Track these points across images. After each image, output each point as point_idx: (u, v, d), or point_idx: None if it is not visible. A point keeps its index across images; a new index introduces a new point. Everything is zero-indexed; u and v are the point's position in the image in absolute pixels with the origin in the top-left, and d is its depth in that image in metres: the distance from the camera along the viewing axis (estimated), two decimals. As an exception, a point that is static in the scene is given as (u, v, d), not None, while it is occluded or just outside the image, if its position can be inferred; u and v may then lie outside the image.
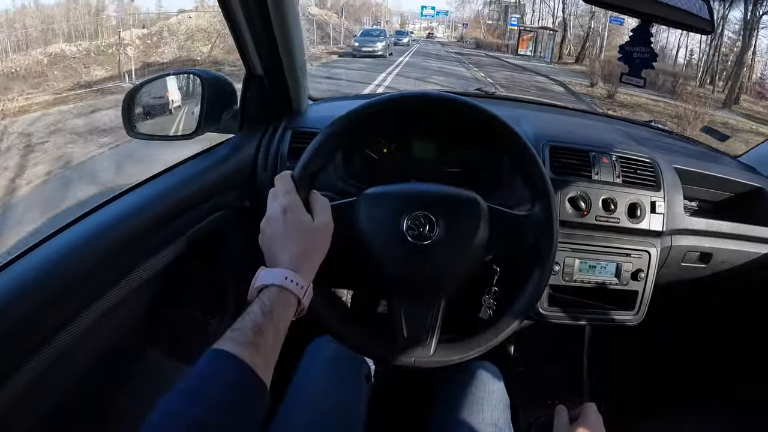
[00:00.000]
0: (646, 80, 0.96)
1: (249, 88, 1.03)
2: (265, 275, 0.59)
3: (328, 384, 0.83)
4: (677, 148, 1.25)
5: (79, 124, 7.09)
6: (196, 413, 0.44)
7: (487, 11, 38.19)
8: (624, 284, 1.00)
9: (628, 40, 0.97)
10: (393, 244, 0.69)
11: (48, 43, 12.60)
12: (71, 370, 0.64)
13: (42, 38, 12.90)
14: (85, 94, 9.21)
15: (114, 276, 0.67)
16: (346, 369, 0.87)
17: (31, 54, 11.62)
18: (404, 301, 0.71)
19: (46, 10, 14.60)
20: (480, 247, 0.71)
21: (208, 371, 0.48)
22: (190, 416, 0.44)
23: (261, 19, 0.88)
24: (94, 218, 0.70)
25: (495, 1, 36.70)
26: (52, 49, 12.00)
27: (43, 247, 0.63)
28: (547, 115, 1.33)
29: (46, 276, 0.58)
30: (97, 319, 0.64)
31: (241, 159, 0.99)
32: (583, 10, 25.13)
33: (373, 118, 0.73)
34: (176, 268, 0.82)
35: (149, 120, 1.07)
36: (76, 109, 7.91)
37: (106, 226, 0.69)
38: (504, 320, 0.72)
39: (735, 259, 1.14)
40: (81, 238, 0.65)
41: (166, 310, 0.90)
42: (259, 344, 0.51)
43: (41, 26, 13.36)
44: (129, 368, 0.80)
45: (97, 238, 0.66)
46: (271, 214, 0.64)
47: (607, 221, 0.97)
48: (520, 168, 0.76)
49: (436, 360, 0.71)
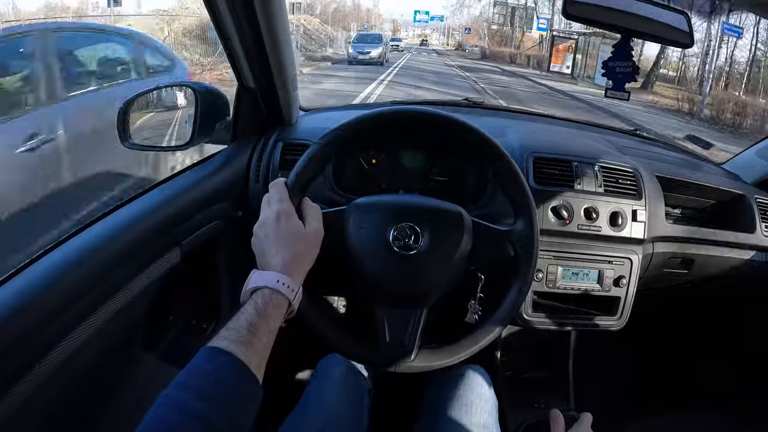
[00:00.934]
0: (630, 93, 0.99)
1: (241, 101, 1.05)
2: (258, 277, 0.61)
3: (334, 398, 0.86)
4: (661, 156, 1.28)
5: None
6: (191, 405, 0.46)
7: (491, 12, 33.73)
8: (606, 290, 1.03)
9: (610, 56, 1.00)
10: (379, 252, 0.72)
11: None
12: (71, 378, 0.66)
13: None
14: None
15: (112, 287, 0.69)
16: (351, 384, 0.90)
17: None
18: (387, 307, 0.74)
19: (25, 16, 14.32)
20: (463, 259, 0.74)
21: (204, 367, 0.50)
22: (186, 406, 0.46)
23: (252, 33, 0.90)
24: (91, 231, 0.72)
25: (501, 2, 32.68)
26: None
27: (44, 259, 0.65)
28: (533, 125, 1.36)
29: (46, 288, 0.60)
30: (96, 329, 0.66)
31: (233, 170, 1.01)
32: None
33: (362, 132, 0.76)
34: (172, 278, 0.84)
35: (144, 131, 1.10)
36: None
37: (104, 238, 0.71)
38: (484, 329, 0.74)
39: (717, 265, 1.16)
40: (80, 250, 0.67)
41: (162, 318, 0.92)
42: (254, 342, 0.53)
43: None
44: (127, 375, 0.82)
45: (96, 250, 0.68)
46: (265, 219, 0.66)
47: (589, 230, 1.00)
48: (502, 185, 0.78)
49: (417, 366, 0.73)
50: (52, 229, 2.17)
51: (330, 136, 0.74)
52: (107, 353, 0.73)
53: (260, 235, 0.66)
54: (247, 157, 1.04)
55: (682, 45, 0.99)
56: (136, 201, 0.83)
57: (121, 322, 0.73)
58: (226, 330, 0.54)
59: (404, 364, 0.73)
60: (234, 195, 1.00)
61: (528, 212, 0.75)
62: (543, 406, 1.14)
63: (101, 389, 0.76)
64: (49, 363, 0.59)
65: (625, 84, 0.98)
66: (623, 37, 0.98)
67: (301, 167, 0.72)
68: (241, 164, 1.03)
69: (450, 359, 0.74)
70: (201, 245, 0.90)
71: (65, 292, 0.62)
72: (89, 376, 0.70)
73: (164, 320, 0.93)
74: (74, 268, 0.64)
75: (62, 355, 0.61)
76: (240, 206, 1.01)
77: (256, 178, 1.02)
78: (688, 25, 0.97)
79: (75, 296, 0.63)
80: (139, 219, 0.77)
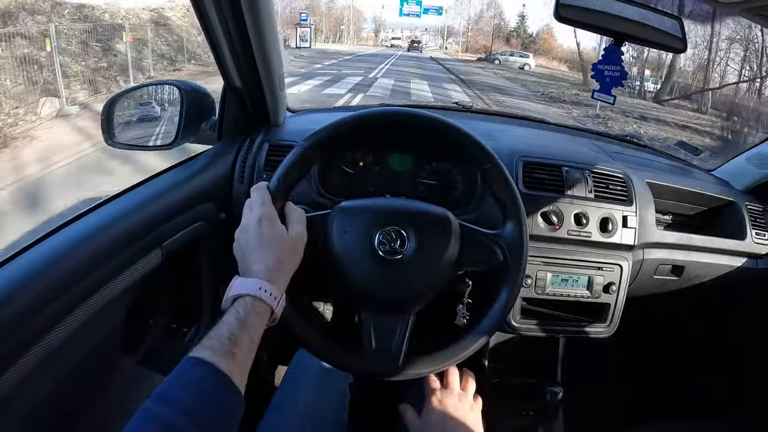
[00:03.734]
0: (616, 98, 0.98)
1: (227, 100, 1.03)
2: (239, 285, 0.60)
3: (313, 392, 0.85)
4: (651, 162, 1.28)
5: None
6: (172, 419, 0.45)
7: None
8: (596, 297, 1.02)
9: (600, 59, 1.00)
10: (364, 257, 0.71)
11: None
12: (46, 383, 0.64)
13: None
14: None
15: (90, 288, 0.67)
16: (331, 377, 0.89)
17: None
18: (373, 313, 0.72)
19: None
20: (450, 263, 0.72)
21: (184, 379, 0.49)
22: (166, 421, 0.45)
23: (238, 31, 0.89)
24: (70, 230, 0.70)
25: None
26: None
27: (18, 259, 0.63)
28: (523, 129, 1.35)
29: (19, 290, 0.58)
30: (72, 332, 0.64)
31: (218, 171, 0.99)
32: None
33: (347, 133, 0.74)
34: (152, 280, 0.82)
35: (129, 130, 1.08)
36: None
37: (83, 237, 0.69)
38: (471, 335, 0.73)
39: (707, 271, 1.15)
40: (57, 250, 0.65)
41: (142, 322, 0.90)
42: (235, 353, 0.52)
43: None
44: (106, 380, 0.80)
45: (72, 250, 0.66)
46: (246, 223, 0.65)
47: (579, 235, 0.99)
48: (491, 188, 0.77)
49: (404, 373, 0.71)
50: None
51: (314, 137, 0.72)
52: (84, 358, 0.71)
53: (242, 241, 0.65)
54: (233, 158, 1.02)
55: (675, 50, 0.99)
56: (116, 200, 0.81)
57: (99, 325, 0.72)
58: (208, 340, 0.53)
59: (391, 372, 0.71)
60: (218, 196, 0.98)
61: (517, 216, 0.74)
62: (531, 413, 1.12)
63: (78, 395, 0.73)
64: (22, 367, 0.57)
65: (612, 88, 0.98)
66: (615, 42, 0.98)
67: (284, 170, 0.70)
68: (226, 165, 1.01)
69: (437, 366, 0.73)
70: (183, 247, 0.88)
71: (39, 294, 0.60)
72: (65, 382, 0.68)
73: (144, 324, 0.91)
74: (49, 269, 0.62)
75: (36, 358, 0.59)
76: (224, 208, 0.99)
77: (240, 180, 1.00)
78: (681, 30, 0.97)
79: (50, 298, 0.61)
80: (118, 218, 0.76)
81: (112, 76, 9.15)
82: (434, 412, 0.75)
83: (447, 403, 0.76)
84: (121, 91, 1.05)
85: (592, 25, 0.97)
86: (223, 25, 0.88)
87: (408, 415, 0.78)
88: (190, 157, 1.01)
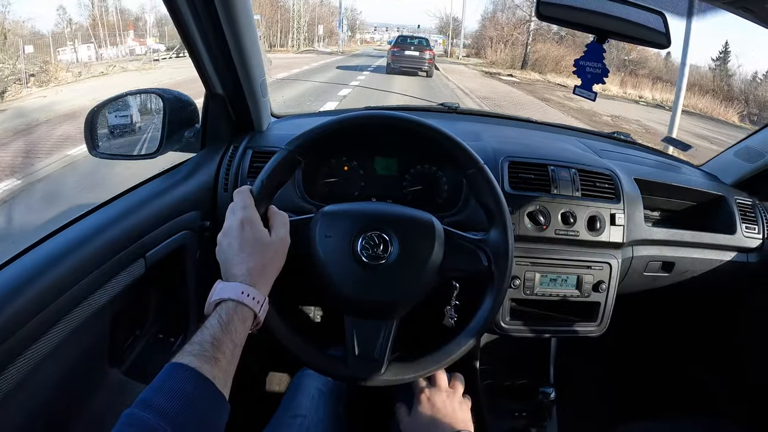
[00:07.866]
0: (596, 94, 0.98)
1: (209, 107, 1.03)
2: (222, 289, 0.59)
3: (310, 410, 0.86)
4: (639, 158, 1.27)
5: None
6: (154, 423, 0.44)
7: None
8: (585, 296, 1.01)
9: (582, 55, 1.00)
10: (347, 262, 0.70)
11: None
12: (32, 394, 0.63)
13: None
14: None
15: (74, 300, 0.67)
16: (328, 396, 0.90)
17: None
18: (357, 319, 0.72)
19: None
20: (434, 269, 0.71)
21: (167, 384, 0.48)
22: (149, 425, 0.44)
23: (217, 38, 0.88)
24: (52, 242, 0.70)
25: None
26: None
27: (2, 272, 0.62)
28: (508, 129, 1.35)
29: (3, 302, 0.58)
30: (56, 345, 0.64)
31: (202, 179, 0.99)
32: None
33: (331, 137, 0.74)
34: (137, 290, 0.81)
35: (112, 139, 1.07)
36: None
37: (66, 249, 0.68)
38: (457, 341, 0.72)
39: (697, 267, 1.15)
40: (39, 262, 0.65)
41: (128, 332, 0.89)
42: (218, 358, 0.52)
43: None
44: (92, 391, 0.79)
45: (55, 261, 0.66)
46: (229, 227, 0.65)
47: (567, 234, 0.98)
48: (476, 193, 0.76)
49: (387, 379, 0.71)
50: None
51: (297, 141, 0.72)
52: (69, 370, 0.71)
53: (224, 244, 0.64)
54: (216, 165, 1.01)
55: (658, 45, 0.98)
56: (99, 211, 0.81)
57: (84, 337, 0.71)
58: (190, 345, 0.52)
59: (374, 378, 0.71)
60: (202, 204, 0.97)
61: (502, 221, 0.73)
62: (524, 414, 1.12)
63: (64, 406, 0.73)
64: (7, 380, 0.57)
65: (593, 84, 0.98)
66: (597, 38, 0.97)
67: (267, 173, 0.70)
68: (209, 172, 1.00)
69: (422, 372, 0.72)
70: (168, 256, 0.88)
71: (22, 307, 0.59)
72: (50, 394, 0.68)
73: (130, 334, 0.90)
74: (32, 282, 0.62)
75: (21, 371, 0.59)
76: (208, 216, 0.98)
77: (225, 187, 1.00)
78: (665, 26, 0.96)
79: (32, 311, 0.60)
80: (101, 229, 0.75)
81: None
82: (424, 410, 0.75)
83: (436, 400, 0.76)
84: (104, 101, 1.04)
85: (573, 22, 0.97)
86: (202, 32, 0.87)
87: (400, 413, 0.78)
88: (174, 166, 1.00)
